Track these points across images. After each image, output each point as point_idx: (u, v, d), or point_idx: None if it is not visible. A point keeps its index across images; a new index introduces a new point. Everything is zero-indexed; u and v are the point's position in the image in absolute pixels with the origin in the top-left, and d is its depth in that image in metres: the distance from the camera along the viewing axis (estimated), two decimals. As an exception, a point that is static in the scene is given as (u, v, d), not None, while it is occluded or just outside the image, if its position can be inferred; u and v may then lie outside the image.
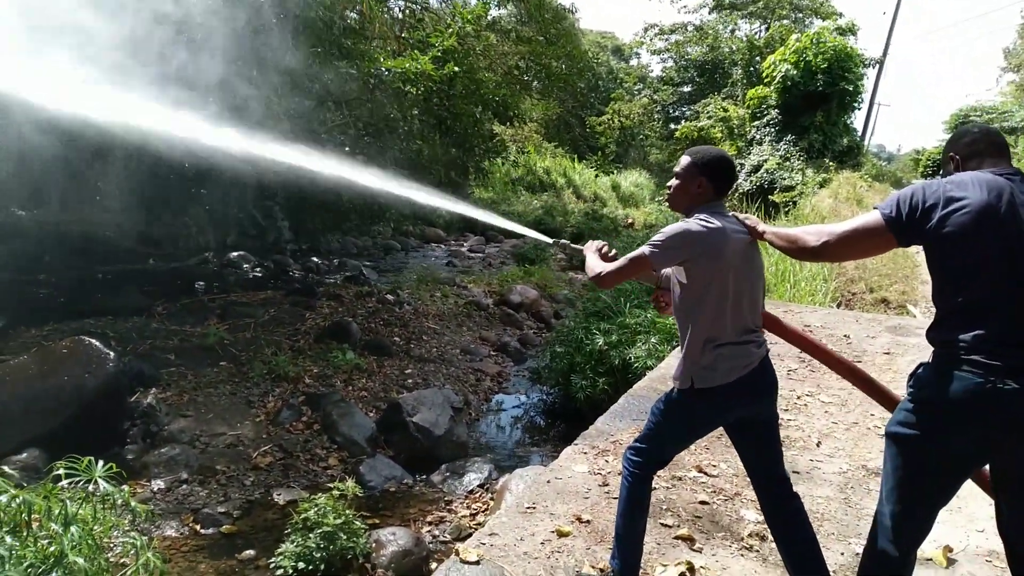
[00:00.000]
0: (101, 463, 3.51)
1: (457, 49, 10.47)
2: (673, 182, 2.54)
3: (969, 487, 2.23)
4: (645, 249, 2.37)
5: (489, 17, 15.44)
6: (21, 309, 8.00)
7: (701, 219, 2.36)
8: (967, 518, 3.22)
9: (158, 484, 5.30)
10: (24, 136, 7.60)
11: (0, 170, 8.18)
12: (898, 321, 7.15)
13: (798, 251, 2.25)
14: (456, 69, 10.01)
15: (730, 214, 2.47)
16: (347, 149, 9.47)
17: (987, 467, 2.06)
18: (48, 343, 6.55)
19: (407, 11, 14.53)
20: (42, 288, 9.20)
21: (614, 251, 2.75)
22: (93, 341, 5.89)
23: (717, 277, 2.35)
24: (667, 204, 2.65)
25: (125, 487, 3.84)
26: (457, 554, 2.87)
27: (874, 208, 2.07)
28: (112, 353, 5.89)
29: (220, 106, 8.51)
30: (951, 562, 2.91)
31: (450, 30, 10.28)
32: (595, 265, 2.60)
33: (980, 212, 1.85)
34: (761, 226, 2.43)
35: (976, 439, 1.88)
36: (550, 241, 3.47)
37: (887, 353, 5.88)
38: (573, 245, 3.07)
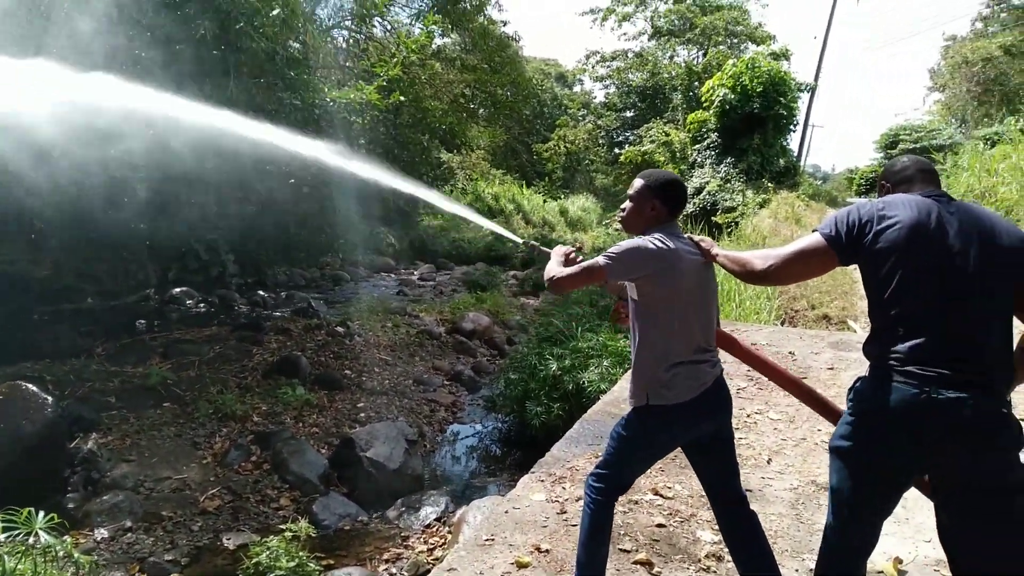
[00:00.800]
0: (42, 514, 3.37)
1: (402, 78, 10.51)
2: (627, 204, 2.59)
3: (915, 498, 2.29)
4: (600, 259, 2.40)
5: (434, 46, 15.58)
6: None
7: (656, 238, 2.41)
8: (915, 529, 3.31)
9: (101, 533, 5.08)
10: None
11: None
12: (840, 336, 7.36)
13: (747, 274, 2.32)
14: (402, 99, 10.04)
15: (685, 236, 2.53)
16: (292, 181, 9.37)
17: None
18: (-20, 389, 6.26)
19: (351, 40, 14.55)
20: (-26, 331, 8.80)
21: (581, 256, 2.77)
22: (30, 386, 5.66)
23: (670, 296, 2.40)
24: (621, 226, 2.69)
25: (67, 538, 3.69)
26: (415, 592, 2.82)
27: (814, 230, 2.15)
28: (50, 398, 5.66)
29: (163, 138, 8.37)
30: (901, 573, 2.98)
31: (395, 59, 10.32)
32: (552, 268, 2.59)
33: (911, 229, 1.96)
34: (715, 249, 2.49)
35: (914, 448, 1.94)
36: (520, 240, 3.51)
37: (831, 368, 6.04)
38: (543, 247, 3.09)
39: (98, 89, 5.32)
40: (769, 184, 20.23)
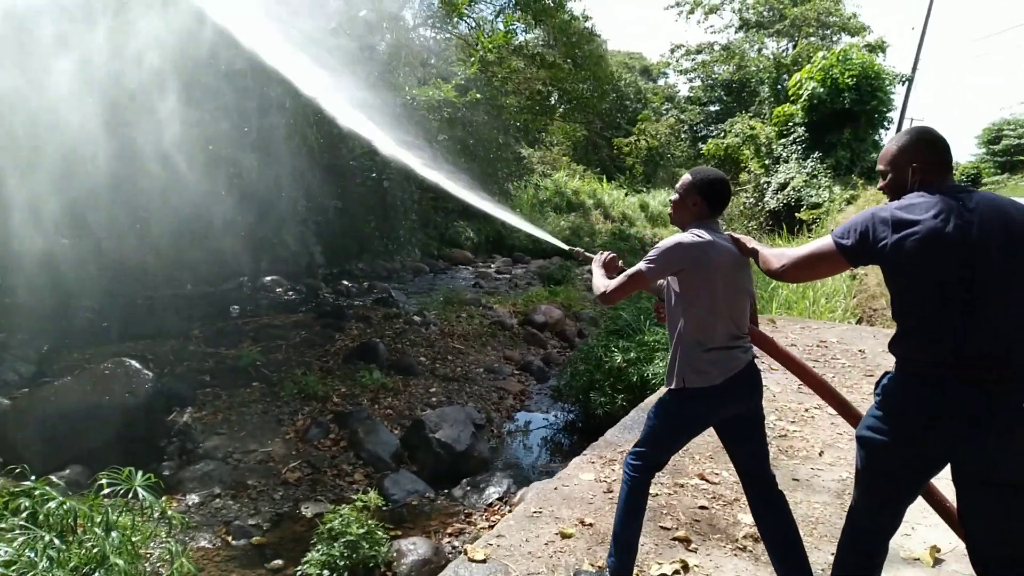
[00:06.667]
0: (140, 474, 3.79)
1: (480, 77, 10.80)
2: (673, 197, 2.77)
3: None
4: (642, 265, 2.60)
5: (518, 41, 15.81)
6: (65, 334, 8.42)
7: (694, 232, 2.58)
8: (961, 522, 3.31)
9: (193, 498, 5.56)
10: (69, 167, 8.07)
11: (47, 199, 8.68)
12: (916, 335, 7.16)
13: (768, 272, 2.41)
14: (479, 96, 10.32)
15: (724, 232, 2.67)
16: (373, 175, 9.80)
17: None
18: (91, 365, 6.91)
19: (436, 38, 14.98)
20: (86, 313, 9.63)
21: (620, 262, 2.95)
22: (133, 362, 6.23)
23: (706, 285, 2.55)
24: (670, 220, 2.86)
25: (163, 497, 4.12)
26: (465, 553, 3.07)
27: (831, 233, 2.22)
28: (151, 374, 6.21)
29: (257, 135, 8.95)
30: (938, 561, 3.02)
31: (472, 59, 10.62)
32: (599, 283, 2.82)
33: (929, 238, 1.95)
34: (751, 244, 2.61)
35: (935, 444, 2.02)
36: (567, 248, 3.73)
37: (901, 366, 5.93)
38: (586, 253, 3.28)
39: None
40: (859, 180, 19.51)
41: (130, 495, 3.77)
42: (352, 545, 4.49)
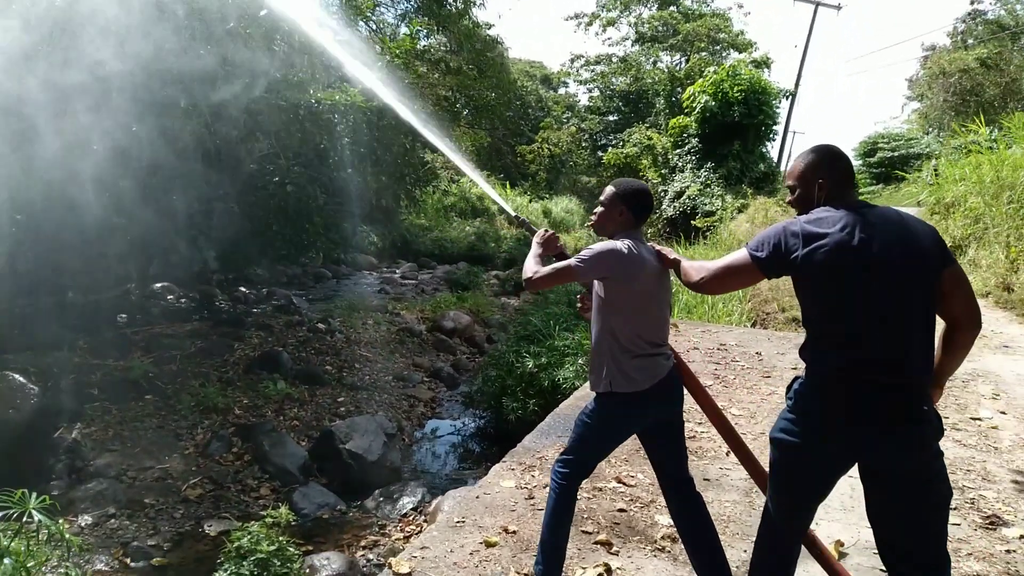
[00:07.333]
0: (35, 496, 3.50)
1: (386, 81, 10.64)
2: (598, 209, 2.82)
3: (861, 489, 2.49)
4: (573, 261, 2.64)
5: (420, 46, 15.72)
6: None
7: (626, 244, 2.62)
8: (859, 516, 3.53)
9: (86, 519, 5.22)
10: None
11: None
12: (806, 338, 7.62)
13: (688, 284, 2.51)
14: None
15: (648, 244, 2.75)
16: (276, 179, 9.49)
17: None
18: (-36, 381, 6.35)
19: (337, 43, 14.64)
20: (-45, 325, 8.83)
21: (562, 243, 2.99)
22: (17, 376, 5.78)
23: (635, 295, 2.61)
24: (592, 229, 2.91)
25: (60, 520, 3.83)
26: (390, 567, 3.01)
27: (744, 246, 2.32)
28: (36, 388, 5.78)
29: (148, 135, 8.49)
30: (842, 555, 3.21)
31: (378, 63, 10.48)
32: (530, 266, 2.82)
33: (836, 250, 2.07)
34: (673, 255, 2.70)
35: (843, 445, 2.14)
36: (514, 214, 3.71)
37: (794, 368, 6.29)
38: (531, 226, 3.27)
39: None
40: (748, 189, 20.55)
41: (24, 518, 3.49)
42: (263, 563, 4.30)
